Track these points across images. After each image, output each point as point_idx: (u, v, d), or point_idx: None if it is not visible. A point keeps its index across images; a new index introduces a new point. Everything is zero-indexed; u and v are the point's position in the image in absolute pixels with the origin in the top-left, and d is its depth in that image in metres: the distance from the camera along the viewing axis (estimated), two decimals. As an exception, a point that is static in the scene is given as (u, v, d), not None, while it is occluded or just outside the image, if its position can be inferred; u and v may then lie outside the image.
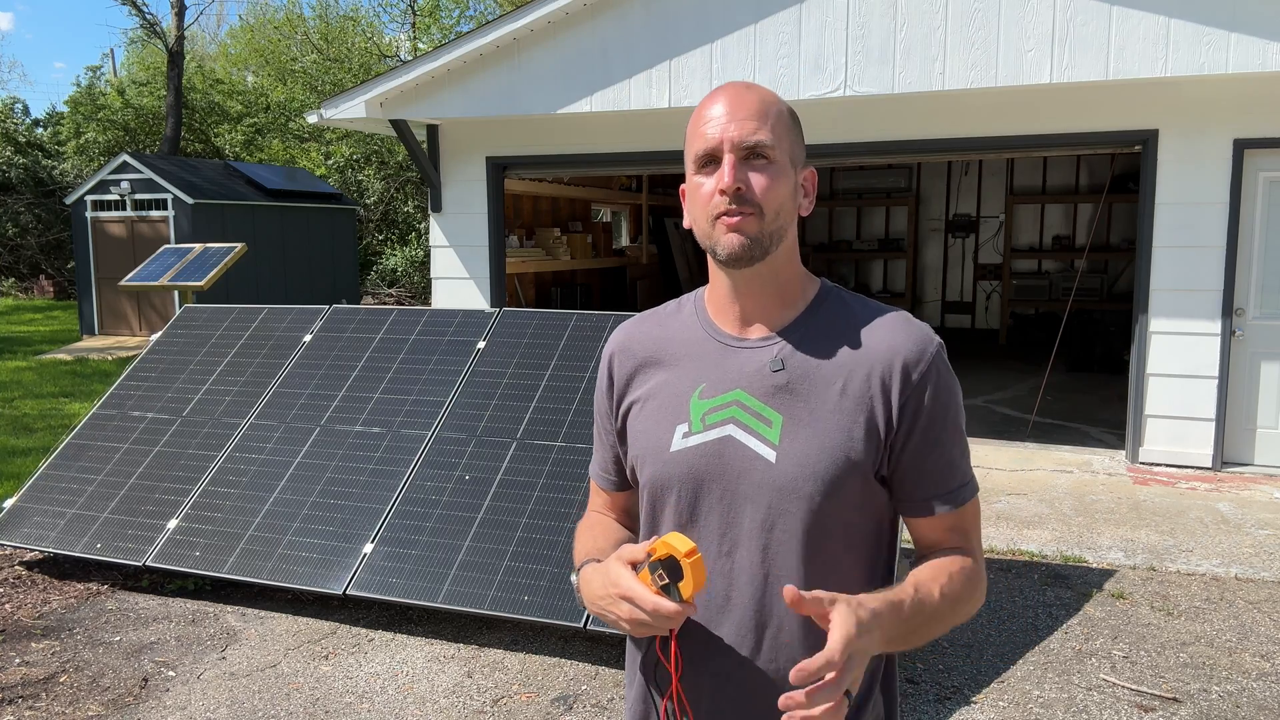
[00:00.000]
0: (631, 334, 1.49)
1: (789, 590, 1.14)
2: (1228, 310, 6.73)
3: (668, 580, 1.23)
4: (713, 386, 1.35)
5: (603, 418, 1.51)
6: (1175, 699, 3.66)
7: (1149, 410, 6.98)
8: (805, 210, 1.37)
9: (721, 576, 1.33)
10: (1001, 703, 3.64)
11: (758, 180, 1.29)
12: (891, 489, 1.35)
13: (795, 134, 1.34)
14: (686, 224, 1.39)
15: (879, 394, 1.30)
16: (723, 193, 1.28)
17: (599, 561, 1.38)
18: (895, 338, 1.32)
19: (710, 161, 1.30)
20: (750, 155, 1.29)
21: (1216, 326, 6.77)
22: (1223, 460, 6.90)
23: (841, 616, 1.11)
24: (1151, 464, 6.99)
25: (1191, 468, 6.89)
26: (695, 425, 1.35)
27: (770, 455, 1.30)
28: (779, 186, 1.30)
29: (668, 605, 1.21)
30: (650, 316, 1.50)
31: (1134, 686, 3.75)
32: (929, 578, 1.29)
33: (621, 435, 1.46)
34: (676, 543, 1.23)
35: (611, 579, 1.26)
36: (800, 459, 1.29)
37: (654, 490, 1.38)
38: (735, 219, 1.28)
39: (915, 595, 1.25)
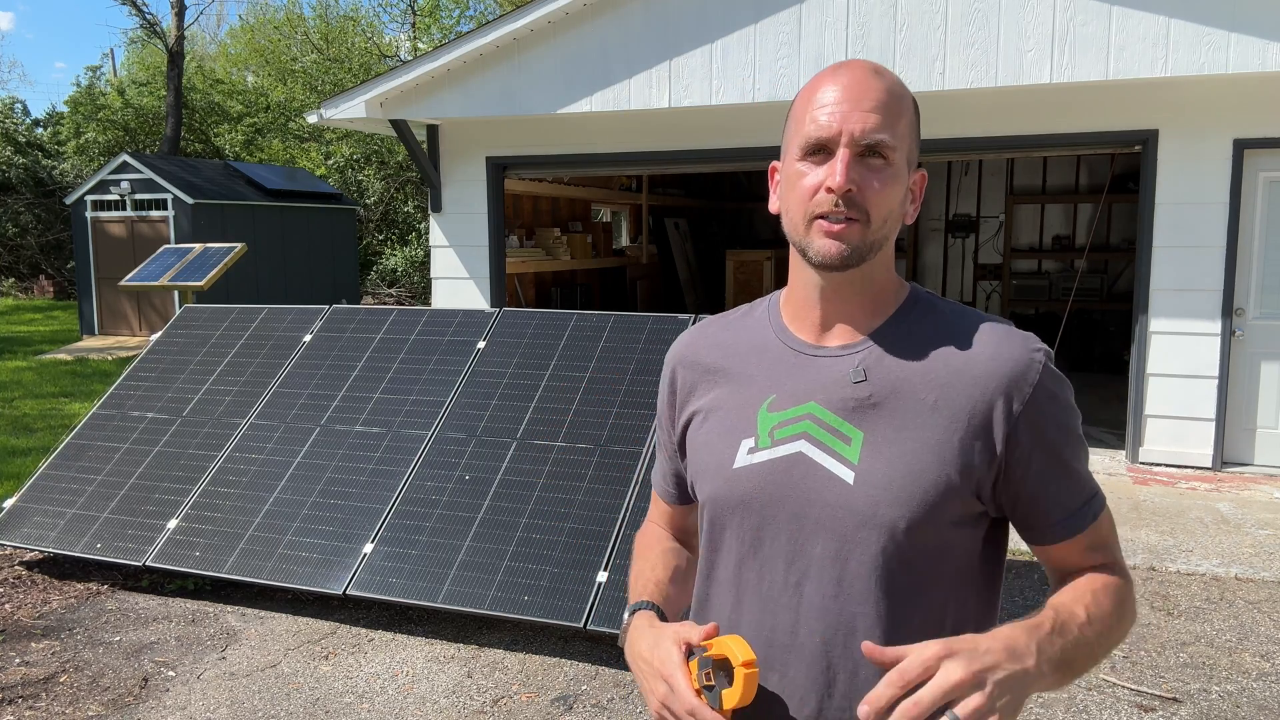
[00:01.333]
0: (696, 340, 1.36)
1: (868, 646, 1.03)
2: (1228, 310, 6.73)
3: (713, 683, 1.13)
4: (784, 398, 1.22)
5: (664, 428, 1.40)
6: (1175, 699, 3.66)
7: (1149, 410, 6.98)
8: (910, 217, 1.23)
9: (788, 611, 1.19)
10: (1001, 703, 3.64)
11: (871, 183, 1.15)
12: (1015, 519, 1.22)
13: (916, 133, 1.21)
14: (774, 208, 1.26)
15: (981, 415, 1.15)
16: (830, 190, 1.15)
17: (655, 610, 1.29)
18: (999, 351, 1.17)
19: (820, 150, 1.16)
20: (867, 153, 1.15)
21: (1216, 326, 6.77)
22: (1223, 460, 6.90)
23: (924, 645, 1.02)
24: (1151, 464, 6.99)
25: (1191, 468, 6.89)
26: (763, 440, 1.22)
27: (848, 476, 1.16)
28: (891, 193, 1.17)
29: (705, 712, 1.11)
30: (717, 320, 1.37)
31: (1134, 686, 3.75)
32: (1070, 600, 1.16)
33: (682, 448, 1.35)
34: (736, 647, 1.12)
35: (660, 656, 1.16)
36: (883, 482, 1.15)
37: (715, 511, 1.26)
38: (839, 226, 1.15)
39: (1056, 618, 1.12)
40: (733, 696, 1.11)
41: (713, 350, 1.33)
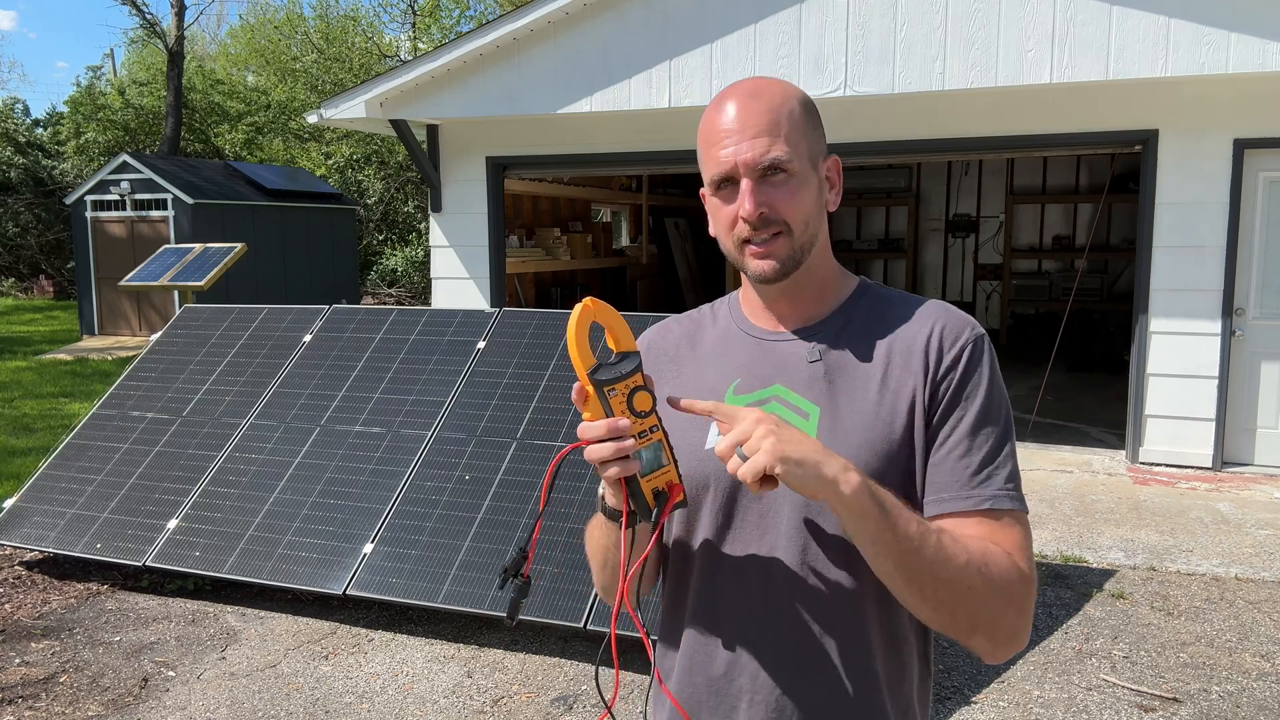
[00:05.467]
0: (662, 333, 1.44)
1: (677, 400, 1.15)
2: (1228, 310, 6.73)
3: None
4: (749, 381, 1.30)
5: None
6: (1175, 699, 3.66)
7: (1149, 410, 6.98)
8: (833, 205, 1.30)
9: (760, 581, 1.25)
10: (1002, 703, 3.64)
11: (780, 197, 1.22)
12: (926, 486, 1.22)
13: (812, 129, 1.26)
14: (713, 233, 1.33)
15: (917, 379, 1.23)
16: (744, 219, 1.22)
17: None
18: (933, 323, 1.26)
19: (726, 183, 1.24)
20: (768, 173, 1.21)
21: (1216, 326, 6.77)
22: (1223, 460, 6.90)
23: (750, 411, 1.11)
24: (1151, 464, 6.99)
25: (1191, 468, 6.89)
26: None
27: None
28: (803, 197, 1.23)
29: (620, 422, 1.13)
30: (682, 318, 1.45)
31: (1134, 686, 3.75)
32: (946, 528, 1.16)
33: None
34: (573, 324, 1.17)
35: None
36: (840, 452, 1.18)
37: (689, 490, 1.29)
38: (764, 247, 1.23)
39: (918, 519, 1.12)
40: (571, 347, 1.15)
41: (678, 342, 1.41)
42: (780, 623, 1.24)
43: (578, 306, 1.16)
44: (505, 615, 1.23)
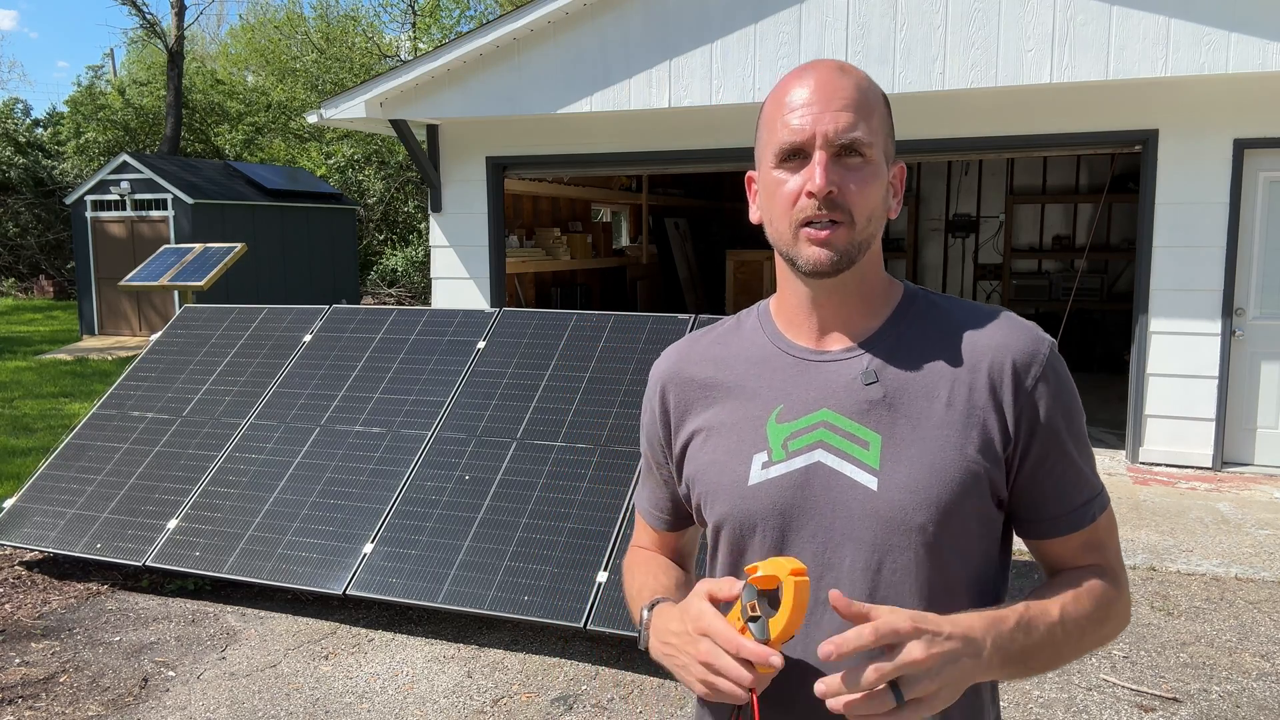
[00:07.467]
0: (686, 355, 1.29)
1: (835, 595, 0.99)
2: (1228, 310, 6.73)
3: (758, 614, 1.02)
4: (793, 408, 1.18)
5: (655, 452, 1.33)
6: (1175, 699, 3.66)
7: (1149, 410, 6.98)
8: (894, 212, 1.19)
9: (820, 628, 1.12)
10: (1001, 702, 3.64)
11: (851, 182, 1.12)
12: (1012, 511, 1.18)
13: (890, 126, 1.18)
14: (755, 219, 1.22)
15: (990, 404, 1.14)
16: (811, 195, 1.11)
17: (672, 602, 1.21)
18: (1002, 339, 1.16)
19: (796, 155, 1.13)
20: (844, 152, 1.12)
21: (1216, 326, 6.77)
22: (1223, 460, 6.89)
23: (889, 612, 1.00)
24: (1151, 464, 6.99)
25: (1191, 468, 6.89)
26: (776, 453, 1.17)
27: (871, 482, 1.13)
28: (873, 190, 1.13)
29: (750, 645, 1.01)
30: (705, 335, 1.31)
31: (1134, 686, 3.75)
32: (1047, 598, 1.14)
33: (680, 471, 1.28)
34: (784, 562, 1.03)
35: (692, 614, 1.08)
36: (908, 484, 1.12)
37: (733, 531, 1.20)
38: (824, 232, 1.12)
39: (1024, 615, 1.09)
40: (781, 619, 1.01)
41: (705, 365, 1.28)
42: (847, 665, 1.17)
43: (798, 582, 1.02)
44: None
